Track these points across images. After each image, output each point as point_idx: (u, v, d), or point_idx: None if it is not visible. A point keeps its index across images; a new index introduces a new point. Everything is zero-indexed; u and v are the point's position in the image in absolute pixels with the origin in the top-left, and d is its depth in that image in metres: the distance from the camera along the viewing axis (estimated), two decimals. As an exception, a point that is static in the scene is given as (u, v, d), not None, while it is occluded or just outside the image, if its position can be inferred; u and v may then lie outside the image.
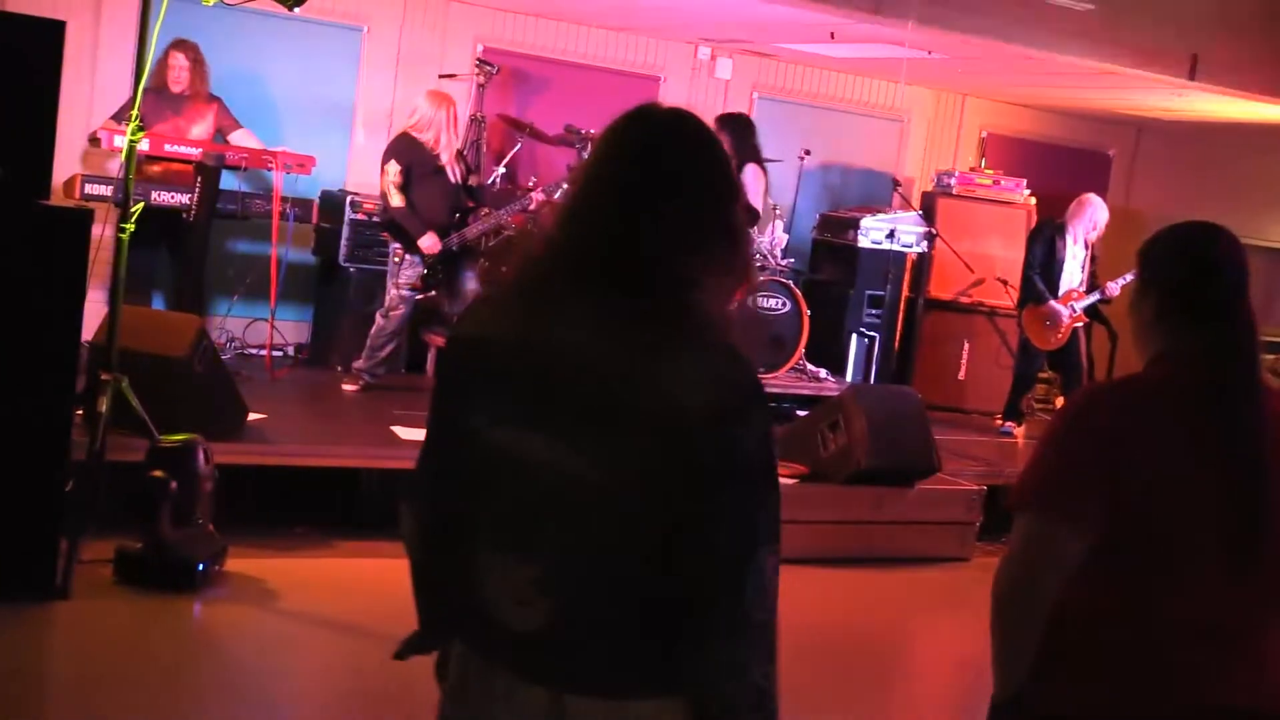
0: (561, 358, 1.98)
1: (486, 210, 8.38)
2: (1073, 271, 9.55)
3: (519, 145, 9.65)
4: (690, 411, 1.90)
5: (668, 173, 2.02)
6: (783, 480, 7.20)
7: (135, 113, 5.82)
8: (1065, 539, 2.38)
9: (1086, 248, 9.60)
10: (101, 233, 6.52)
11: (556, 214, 2.08)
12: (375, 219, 8.60)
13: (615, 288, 1.98)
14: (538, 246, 2.09)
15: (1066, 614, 2.39)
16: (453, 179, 8.17)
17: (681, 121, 2.07)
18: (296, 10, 6.11)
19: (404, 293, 8.14)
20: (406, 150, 8.05)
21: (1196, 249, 2.55)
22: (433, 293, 8.20)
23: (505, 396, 2.02)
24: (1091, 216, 9.57)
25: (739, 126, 9.01)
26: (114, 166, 7.99)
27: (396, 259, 8.20)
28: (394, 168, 8.02)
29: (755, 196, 8.85)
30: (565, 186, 2.05)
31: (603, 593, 1.97)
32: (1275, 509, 2.37)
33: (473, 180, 8.46)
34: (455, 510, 2.10)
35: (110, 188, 7.60)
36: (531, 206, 8.25)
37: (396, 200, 8.02)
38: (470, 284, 8.22)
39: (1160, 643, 2.37)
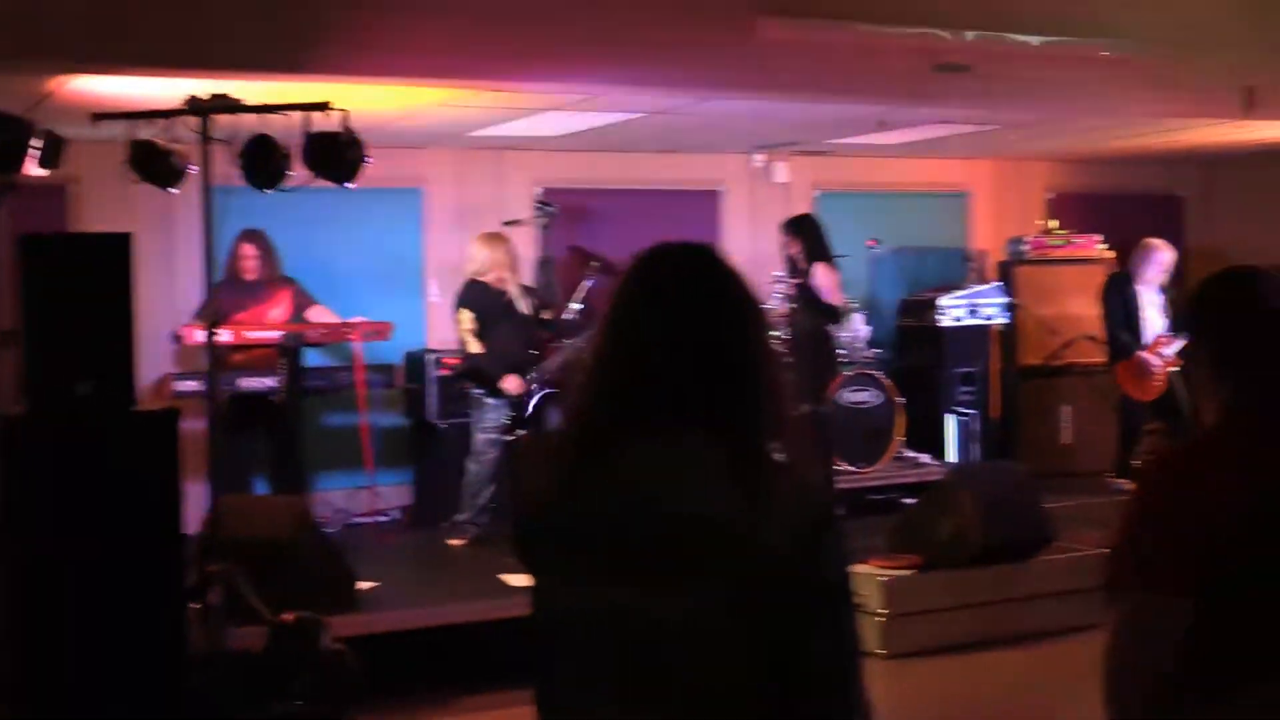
0: (632, 508, 1.98)
1: (568, 340, 8.54)
2: (1153, 318, 9.46)
3: (592, 280, 9.74)
4: (769, 546, 1.93)
5: (702, 310, 2.04)
6: (899, 573, 7.11)
7: (210, 308, 5.98)
8: (1174, 614, 2.33)
9: (1161, 292, 9.51)
10: (195, 426, 6.68)
11: (594, 364, 2.09)
12: (458, 370, 8.71)
13: (672, 432, 2.00)
14: (580, 400, 2.10)
15: (1176, 686, 2.34)
16: (524, 311, 8.31)
17: (702, 257, 2.10)
18: (350, 185, 6.26)
19: (491, 436, 8.24)
20: (475, 296, 8.25)
21: (1234, 296, 2.53)
22: (522, 433, 8.27)
23: (581, 554, 2.02)
24: (1158, 260, 9.51)
25: (807, 228, 9.08)
26: (202, 361, 8.18)
27: (477, 407, 8.30)
28: (467, 315, 8.22)
29: (830, 294, 8.86)
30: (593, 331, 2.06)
31: None
32: None
33: (546, 315, 8.60)
34: (554, 677, 2.09)
35: (199, 382, 7.78)
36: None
37: (475, 347, 8.20)
38: (557, 420, 8.30)
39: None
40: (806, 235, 8.95)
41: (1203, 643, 2.33)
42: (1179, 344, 9.35)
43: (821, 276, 8.82)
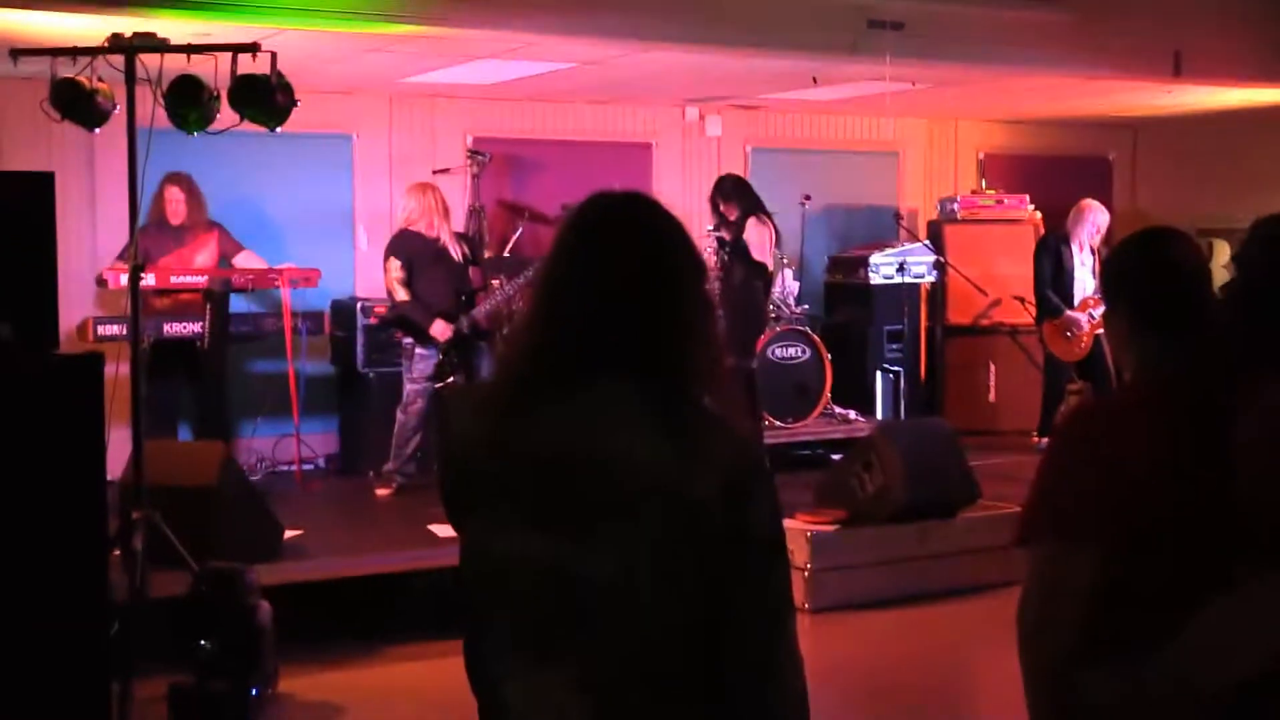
0: (561, 458, 1.97)
1: (497, 282, 8.51)
2: (1084, 279, 9.56)
3: (520, 229, 9.70)
4: (698, 496, 1.91)
5: (637, 259, 2.02)
6: (823, 528, 7.16)
7: (134, 250, 5.89)
8: (1085, 564, 2.36)
9: (1093, 253, 9.61)
10: (116, 371, 6.57)
11: (528, 313, 2.07)
12: (386, 318, 8.65)
13: (603, 381, 1.98)
14: (514, 349, 2.09)
15: (1088, 638, 2.37)
16: (456, 258, 8.26)
17: (640, 206, 2.08)
18: (278, 129, 6.17)
19: (420, 386, 8.19)
20: (405, 244, 8.19)
21: (1152, 256, 2.56)
22: (451, 380, 8.22)
23: (510, 504, 2.01)
24: (1092, 221, 9.61)
25: (737, 187, 9.03)
26: (126, 305, 8.06)
27: (407, 356, 8.26)
28: (395, 264, 8.16)
29: (761, 250, 8.86)
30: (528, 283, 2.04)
31: (642, 683, 1.96)
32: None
33: (487, 253, 8.59)
34: (482, 625, 2.08)
35: (122, 327, 7.67)
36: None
37: (402, 295, 8.14)
38: (488, 368, 8.26)
39: None
40: (741, 194, 8.94)
41: (1114, 597, 2.36)
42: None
43: (753, 231, 8.80)
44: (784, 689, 1.97)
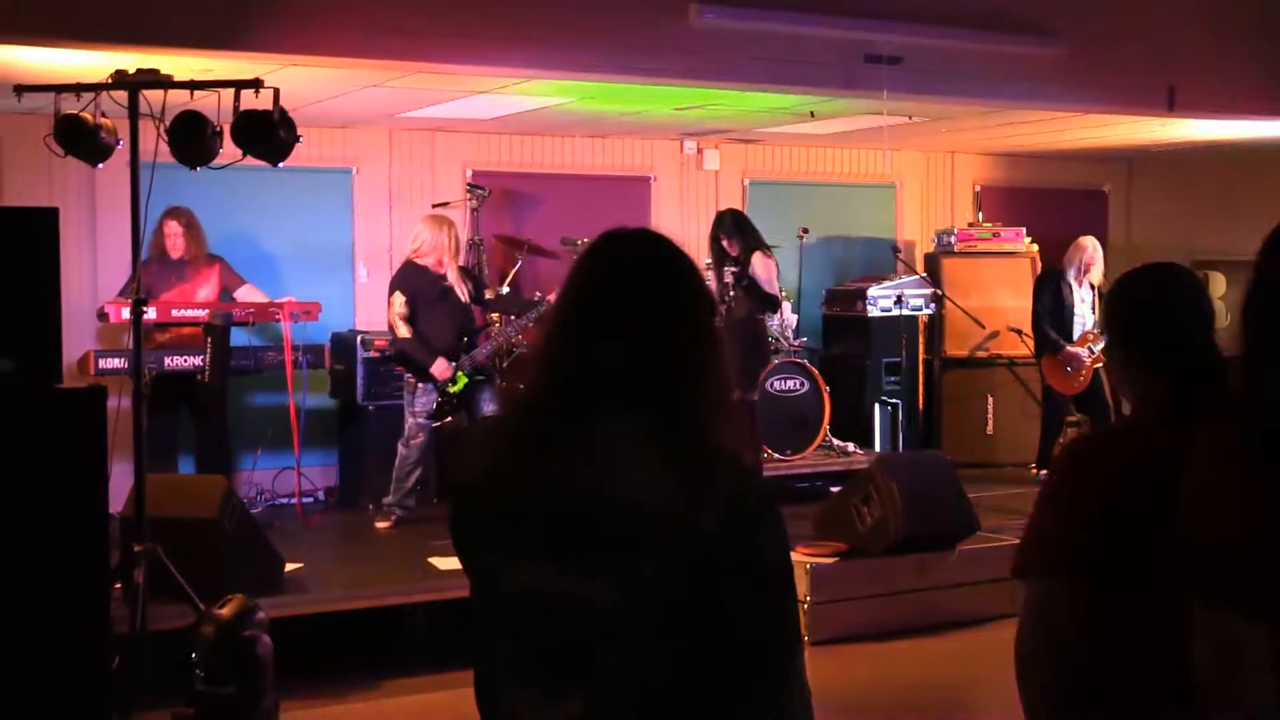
0: (568, 492, 1.99)
1: (498, 320, 8.51)
2: (1083, 314, 9.61)
3: (520, 263, 9.74)
4: (705, 530, 1.92)
5: (645, 295, 2.05)
6: (822, 560, 7.18)
7: (136, 284, 5.92)
8: (1076, 597, 2.38)
9: (1091, 289, 9.66)
10: (118, 405, 6.60)
11: (538, 349, 2.11)
12: (387, 353, 8.67)
13: (610, 416, 2.01)
14: (523, 384, 2.12)
15: (1089, 667, 2.38)
16: (461, 298, 8.27)
17: (648, 243, 2.11)
18: (281, 164, 6.21)
19: (421, 420, 8.20)
20: (410, 279, 8.17)
21: (1149, 292, 2.59)
22: (450, 419, 8.24)
23: (517, 537, 2.03)
24: (1088, 258, 9.66)
25: (738, 222, 9.08)
26: (127, 339, 8.08)
27: (410, 390, 8.27)
28: (399, 299, 8.14)
29: (770, 284, 8.90)
30: (539, 321, 2.07)
31: (647, 716, 1.97)
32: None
33: (488, 294, 8.60)
34: (491, 658, 2.10)
35: (123, 360, 7.70)
36: (535, 322, 8.34)
37: (403, 331, 8.13)
38: (489, 406, 8.26)
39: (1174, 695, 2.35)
40: (741, 229, 8.99)
41: (1106, 630, 2.37)
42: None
43: (759, 266, 8.84)
44: None
